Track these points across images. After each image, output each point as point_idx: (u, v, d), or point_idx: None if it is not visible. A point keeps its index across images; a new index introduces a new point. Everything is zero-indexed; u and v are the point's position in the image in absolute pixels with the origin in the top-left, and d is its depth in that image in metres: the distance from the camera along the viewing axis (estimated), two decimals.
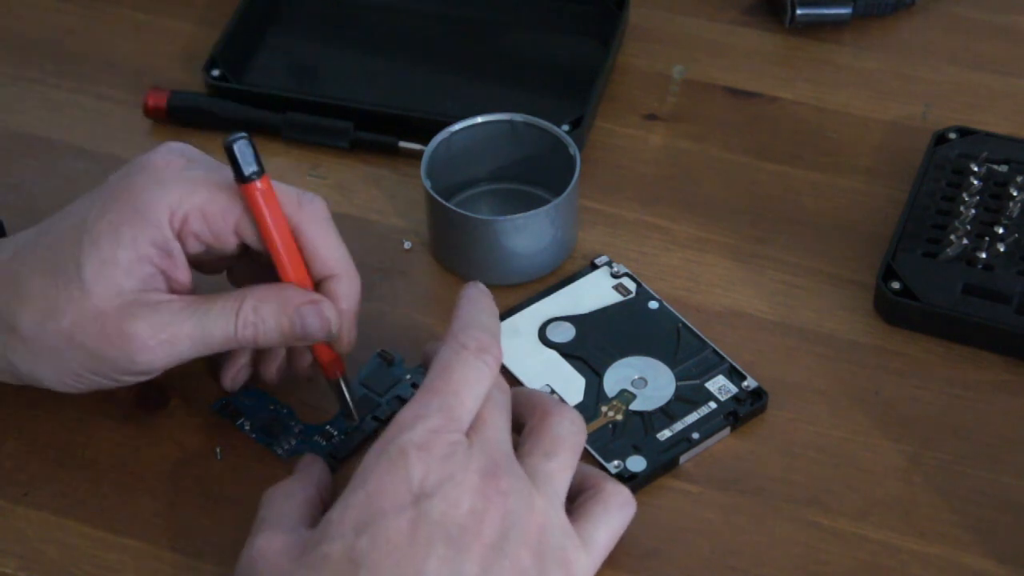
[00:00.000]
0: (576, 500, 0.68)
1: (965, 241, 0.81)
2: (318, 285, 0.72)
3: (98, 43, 0.97)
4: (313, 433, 0.76)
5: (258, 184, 0.70)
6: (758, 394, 0.76)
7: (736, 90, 0.93)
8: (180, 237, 0.71)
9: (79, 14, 0.99)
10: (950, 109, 0.91)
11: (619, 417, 0.76)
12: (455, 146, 0.84)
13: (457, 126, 0.84)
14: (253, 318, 0.70)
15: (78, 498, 0.74)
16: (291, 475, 0.71)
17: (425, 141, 0.84)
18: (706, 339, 0.79)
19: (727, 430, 0.76)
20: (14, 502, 0.74)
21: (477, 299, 0.70)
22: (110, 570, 0.71)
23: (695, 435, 0.75)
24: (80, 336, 0.69)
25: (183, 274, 0.72)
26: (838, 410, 0.77)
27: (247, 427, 0.76)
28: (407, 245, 0.85)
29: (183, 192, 0.70)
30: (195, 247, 0.72)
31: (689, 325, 0.79)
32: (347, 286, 0.73)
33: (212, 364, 0.77)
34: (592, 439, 0.74)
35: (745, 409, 0.76)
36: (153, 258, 0.70)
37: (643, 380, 0.77)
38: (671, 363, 0.78)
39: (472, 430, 0.66)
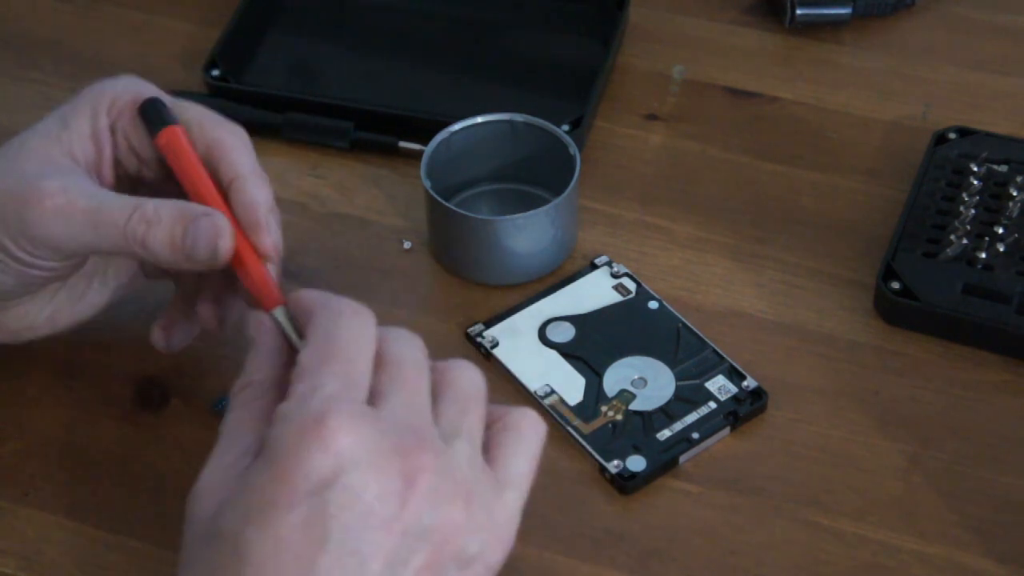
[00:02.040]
0: (483, 437, 0.62)
1: (965, 241, 0.81)
2: (227, 187, 0.70)
3: (98, 43, 0.97)
4: None
5: (169, 129, 0.71)
6: (758, 394, 0.76)
7: (736, 90, 0.93)
8: (113, 134, 0.72)
9: (79, 14, 0.99)
10: (950, 109, 0.91)
11: (619, 417, 0.76)
12: (455, 146, 0.84)
13: (457, 126, 0.84)
14: (151, 215, 0.68)
15: (78, 498, 0.74)
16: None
17: (425, 141, 0.84)
18: (706, 339, 0.79)
19: (727, 430, 0.76)
20: (14, 502, 0.74)
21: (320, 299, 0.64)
22: (110, 570, 0.71)
23: (695, 435, 0.75)
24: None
25: (107, 174, 0.72)
26: (838, 410, 0.77)
27: None
28: (407, 245, 0.85)
29: (126, 90, 0.72)
30: (124, 153, 0.72)
31: (689, 325, 0.80)
32: (254, 186, 0.70)
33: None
34: (592, 439, 0.74)
35: (745, 409, 0.76)
36: (88, 148, 0.71)
37: (643, 380, 0.77)
38: (671, 363, 0.78)
39: (379, 394, 0.60)
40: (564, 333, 0.80)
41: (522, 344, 0.79)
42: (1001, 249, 0.81)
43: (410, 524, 0.57)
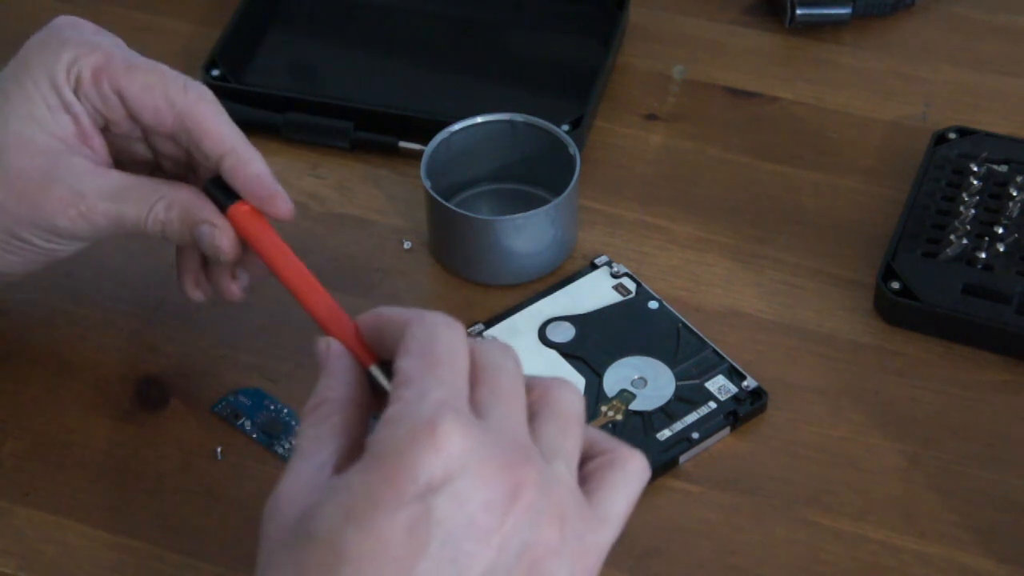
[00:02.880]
0: (586, 467, 0.61)
1: (965, 241, 0.81)
2: (219, 162, 0.72)
3: None
4: None
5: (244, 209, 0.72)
6: (758, 394, 0.76)
7: (736, 90, 0.93)
8: (79, 99, 0.72)
9: (79, 14, 0.98)
10: (950, 109, 0.91)
11: (619, 417, 0.76)
12: (455, 146, 0.84)
13: (457, 126, 0.84)
14: (163, 217, 0.72)
15: (78, 498, 0.74)
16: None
17: (425, 141, 0.84)
18: (706, 339, 0.79)
19: (727, 430, 0.76)
20: (14, 502, 0.74)
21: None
22: (110, 570, 0.71)
23: (695, 435, 0.75)
24: (1, 199, 0.71)
25: (96, 142, 0.73)
26: (838, 410, 0.77)
27: (247, 427, 0.76)
28: (407, 245, 0.85)
29: (69, 45, 0.73)
30: (93, 116, 0.73)
31: (689, 325, 0.80)
32: (246, 153, 0.72)
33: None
34: None
35: (745, 409, 0.76)
36: (66, 123, 0.72)
37: (643, 380, 0.77)
38: (671, 363, 0.78)
39: (479, 406, 0.58)
40: (564, 333, 0.80)
41: (522, 344, 0.79)
42: (1001, 249, 0.81)
43: (508, 539, 0.55)
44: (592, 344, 0.79)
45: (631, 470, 0.61)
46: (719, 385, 0.77)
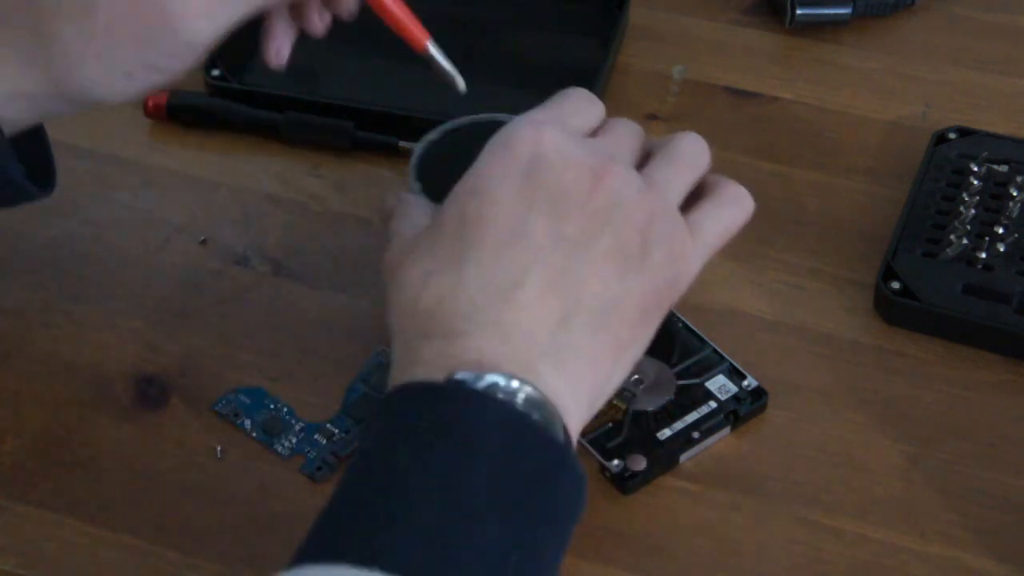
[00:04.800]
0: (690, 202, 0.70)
1: (965, 241, 0.81)
2: None
3: None
4: (314, 432, 0.76)
5: None
6: (758, 394, 0.76)
7: (736, 90, 0.93)
8: None
9: None
10: (950, 109, 0.91)
11: (619, 416, 0.76)
12: (447, 147, 0.83)
13: (449, 125, 0.83)
14: None
15: (78, 496, 0.74)
16: None
17: None
18: (706, 339, 0.79)
19: (727, 429, 0.76)
20: (14, 500, 0.73)
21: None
22: (109, 568, 0.71)
23: (695, 434, 0.75)
24: (119, 27, 0.69)
25: None
26: (838, 410, 0.77)
27: (247, 426, 0.76)
28: None
29: None
30: None
31: (689, 325, 0.79)
32: None
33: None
34: (592, 439, 0.74)
35: (745, 409, 0.76)
36: None
37: (643, 380, 0.77)
38: (671, 363, 0.78)
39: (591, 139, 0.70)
40: None
41: None
42: (1001, 249, 0.81)
43: (598, 208, 0.65)
44: None
45: (725, 198, 0.71)
46: (719, 385, 0.77)
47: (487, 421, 0.60)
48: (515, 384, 0.61)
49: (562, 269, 0.64)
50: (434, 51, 0.79)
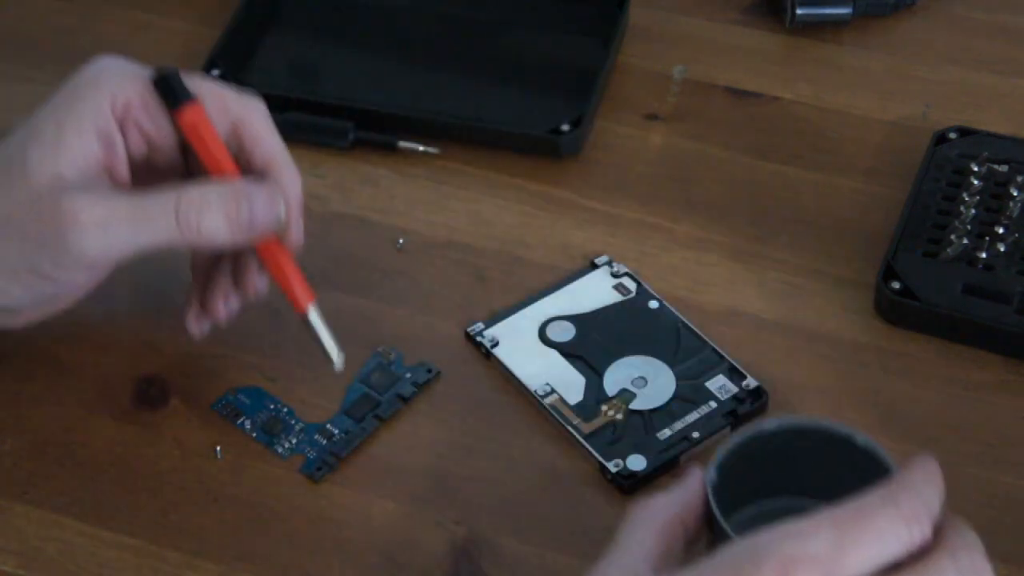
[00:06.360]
0: None
1: (965, 241, 0.81)
2: (264, 170, 0.72)
3: (98, 43, 0.96)
4: (314, 432, 0.76)
5: (191, 107, 0.71)
6: (758, 393, 0.76)
7: (736, 90, 0.93)
8: (123, 128, 0.71)
9: (79, 14, 0.99)
10: (950, 109, 0.91)
11: (619, 416, 0.76)
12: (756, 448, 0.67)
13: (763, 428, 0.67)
14: (198, 201, 0.69)
15: (77, 496, 0.74)
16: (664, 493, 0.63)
17: (425, 141, 0.83)
18: (706, 339, 0.79)
19: (727, 429, 0.76)
20: (13, 500, 0.74)
21: (929, 470, 0.61)
22: (109, 568, 0.71)
23: (695, 434, 0.75)
24: (16, 219, 0.69)
25: (123, 171, 0.72)
26: (838, 410, 0.77)
27: (247, 426, 0.76)
28: (400, 243, 0.85)
29: (124, 80, 0.71)
30: (137, 144, 0.72)
31: (689, 325, 0.79)
32: (289, 175, 0.73)
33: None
34: (593, 439, 0.74)
35: (745, 408, 0.76)
36: (96, 151, 0.70)
37: (643, 379, 0.77)
38: (671, 362, 0.78)
39: None
40: (564, 333, 0.80)
41: (522, 344, 0.79)
42: (1001, 249, 0.81)
43: None
44: (592, 344, 0.79)
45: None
46: (719, 385, 0.77)
47: None
48: None
49: None
50: (314, 318, 0.72)
